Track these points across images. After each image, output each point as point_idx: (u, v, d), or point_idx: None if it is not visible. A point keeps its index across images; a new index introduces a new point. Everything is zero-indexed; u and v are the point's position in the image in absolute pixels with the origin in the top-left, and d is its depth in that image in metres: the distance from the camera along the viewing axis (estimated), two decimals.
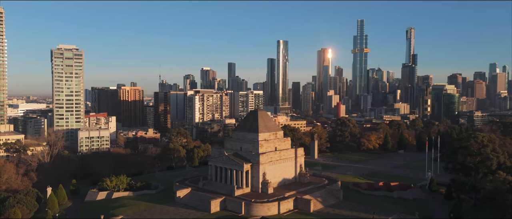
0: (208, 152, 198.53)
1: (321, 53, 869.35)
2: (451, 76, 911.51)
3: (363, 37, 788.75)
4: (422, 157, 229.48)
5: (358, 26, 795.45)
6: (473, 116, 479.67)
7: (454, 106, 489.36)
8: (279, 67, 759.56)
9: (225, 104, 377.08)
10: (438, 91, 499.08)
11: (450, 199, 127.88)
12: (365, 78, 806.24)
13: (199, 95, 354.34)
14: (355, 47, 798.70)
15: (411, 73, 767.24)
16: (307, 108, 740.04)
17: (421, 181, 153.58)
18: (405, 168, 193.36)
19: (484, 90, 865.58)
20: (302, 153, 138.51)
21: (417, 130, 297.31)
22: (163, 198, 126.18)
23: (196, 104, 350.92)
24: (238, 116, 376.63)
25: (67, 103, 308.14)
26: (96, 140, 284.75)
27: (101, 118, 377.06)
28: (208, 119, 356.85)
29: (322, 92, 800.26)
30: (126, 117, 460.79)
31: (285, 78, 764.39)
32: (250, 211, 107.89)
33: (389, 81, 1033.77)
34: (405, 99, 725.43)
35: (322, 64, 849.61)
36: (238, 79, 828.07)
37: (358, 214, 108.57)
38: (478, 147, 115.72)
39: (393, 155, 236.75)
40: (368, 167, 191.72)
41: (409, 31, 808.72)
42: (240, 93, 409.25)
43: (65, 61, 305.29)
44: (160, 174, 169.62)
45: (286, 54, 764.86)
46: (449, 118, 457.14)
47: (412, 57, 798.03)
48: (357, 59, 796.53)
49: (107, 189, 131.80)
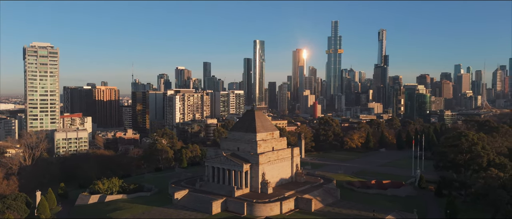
0: (196, 153, 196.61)
1: (296, 54, 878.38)
2: (420, 76, 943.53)
3: (337, 38, 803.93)
4: (403, 155, 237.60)
5: (332, 27, 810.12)
6: (444, 115, 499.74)
7: (425, 106, 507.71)
8: (255, 67, 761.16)
9: (206, 104, 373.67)
10: (411, 91, 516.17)
11: (440, 196, 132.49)
12: (339, 79, 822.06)
13: (180, 95, 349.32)
14: (329, 48, 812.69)
15: (383, 73, 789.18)
16: (283, 108, 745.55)
17: (408, 179, 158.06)
18: (390, 166, 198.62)
19: (451, 90, 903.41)
20: (298, 152, 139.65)
21: (395, 128, 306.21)
22: (160, 200, 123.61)
23: (176, 104, 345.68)
24: (219, 116, 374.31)
25: (41, 104, 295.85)
26: (73, 141, 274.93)
27: (76, 119, 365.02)
28: (189, 119, 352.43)
29: (297, 92, 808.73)
30: (102, 117, 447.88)
31: (262, 78, 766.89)
32: (252, 212, 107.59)
33: (361, 81, 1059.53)
34: (378, 99, 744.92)
35: (297, 64, 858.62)
36: (214, 78, 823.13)
37: (358, 212, 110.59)
38: (468, 144, 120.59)
39: (375, 153, 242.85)
40: (355, 165, 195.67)
41: (381, 33, 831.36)
42: (221, 93, 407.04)
43: (39, 60, 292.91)
44: (149, 176, 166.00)
45: (262, 54, 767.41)
46: (421, 117, 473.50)
47: (383, 58, 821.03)
48: (332, 60, 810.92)
49: (99, 192, 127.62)
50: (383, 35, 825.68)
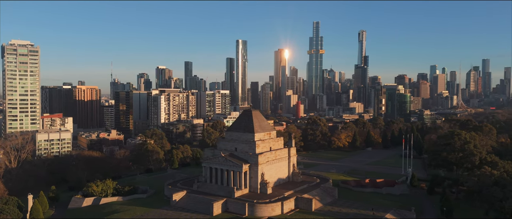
0: (187, 153, 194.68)
1: (278, 54, 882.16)
2: (398, 77, 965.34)
3: (319, 38, 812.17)
4: (389, 154, 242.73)
5: (314, 27, 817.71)
6: (423, 115, 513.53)
7: (406, 106, 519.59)
8: (238, 67, 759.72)
9: (192, 104, 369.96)
10: (391, 91, 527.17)
11: (432, 194, 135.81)
12: (321, 79, 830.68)
13: (165, 95, 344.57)
14: (311, 48, 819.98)
15: (363, 74, 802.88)
16: (266, 108, 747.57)
17: (399, 177, 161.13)
18: (379, 165, 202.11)
19: (428, 90, 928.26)
20: (295, 152, 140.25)
21: (380, 128, 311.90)
22: (157, 202, 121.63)
23: (161, 104, 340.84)
24: (205, 116, 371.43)
25: (21, 104, 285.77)
26: (56, 142, 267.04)
27: (56, 119, 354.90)
28: (174, 119, 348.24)
29: (280, 92, 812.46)
30: (82, 118, 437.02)
31: (245, 78, 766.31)
32: (254, 212, 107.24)
33: (341, 81, 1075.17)
34: (358, 99, 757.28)
35: (280, 64, 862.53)
36: (196, 78, 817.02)
37: (357, 211, 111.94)
38: (461, 143, 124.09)
39: (362, 153, 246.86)
40: (345, 165, 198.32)
41: (361, 34, 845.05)
42: (207, 93, 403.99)
43: (19, 58, 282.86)
44: (141, 177, 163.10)
45: (245, 54, 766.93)
46: (402, 116, 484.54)
47: (363, 59, 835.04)
48: (313, 60, 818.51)
49: (93, 194, 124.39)
50: (363, 36, 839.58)
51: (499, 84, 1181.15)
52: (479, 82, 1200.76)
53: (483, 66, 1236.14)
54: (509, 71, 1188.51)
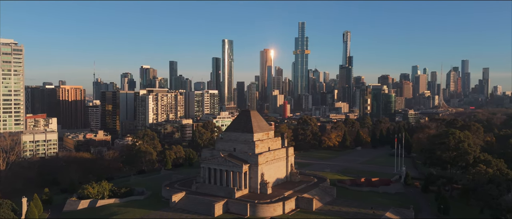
0: (180, 154, 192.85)
1: (263, 54, 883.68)
2: (381, 77, 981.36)
3: (304, 39, 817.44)
4: (379, 153, 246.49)
5: (299, 28, 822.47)
6: (408, 114, 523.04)
7: (391, 105, 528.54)
8: (224, 67, 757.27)
9: (180, 104, 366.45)
10: (377, 91, 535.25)
11: (426, 192, 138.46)
12: (306, 79, 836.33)
13: (153, 95, 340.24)
14: (296, 49, 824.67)
15: (348, 74, 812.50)
16: (252, 108, 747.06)
17: (392, 176, 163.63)
18: (370, 164, 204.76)
19: (410, 90, 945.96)
20: (292, 152, 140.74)
21: (368, 127, 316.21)
22: (155, 204, 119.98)
23: (149, 105, 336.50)
24: (193, 116, 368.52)
25: (4, 104, 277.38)
26: (42, 144, 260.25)
27: (40, 120, 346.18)
28: (163, 119, 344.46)
29: (266, 91, 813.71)
30: (66, 118, 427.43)
31: (231, 77, 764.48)
32: (256, 213, 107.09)
33: (326, 81, 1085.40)
34: (343, 98, 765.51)
35: (265, 64, 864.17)
36: (182, 78, 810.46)
37: (357, 210, 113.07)
38: (455, 142, 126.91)
39: (353, 152, 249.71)
40: (337, 164, 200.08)
41: (345, 34, 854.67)
42: (196, 93, 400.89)
43: (2, 57, 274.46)
44: (135, 179, 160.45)
45: (231, 53, 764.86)
46: (387, 115, 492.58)
47: (348, 59, 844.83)
48: (299, 60, 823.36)
49: (89, 196, 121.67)
50: (347, 37, 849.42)
51: (477, 84, 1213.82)
52: (459, 83, 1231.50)
53: (462, 67, 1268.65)
54: (487, 71, 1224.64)
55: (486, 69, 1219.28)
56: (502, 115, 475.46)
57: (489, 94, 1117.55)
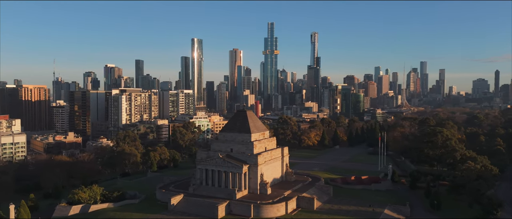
0: (165, 155, 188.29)
1: (233, 53, 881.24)
2: (346, 77, 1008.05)
3: (273, 39, 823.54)
4: (357, 151, 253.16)
5: (269, 28, 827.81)
6: (376, 113, 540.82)
7: (359, 105, 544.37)
8: (194, 66, 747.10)
9: (154, 104, 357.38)
10: (346, 91, 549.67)
11: (414, 189, 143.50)
12: (276, 79, 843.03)
13: (126, 95, 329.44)
14: (266, 49, 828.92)
15: (316, 74, 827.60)
16: (222, 108, 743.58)
17: (379, 174, 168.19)
18: (353, 162, 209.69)
19: (375, 90, 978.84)
20: (287, 152, 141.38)
21: (343, 127, 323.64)
22: (152, 207, 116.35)
23: (122, 105, 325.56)
24: (168, 116, 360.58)
25: None
26: (9, 147, 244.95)
27: (2, 121, 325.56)
28: (136, 120, 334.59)
29: (236, 91, 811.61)
30: (29, 120, 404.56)
31: (200, 77, 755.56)
32: (259, 213, 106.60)
33: (293, 81, 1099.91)
34: (312, 98, 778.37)
35: (235, 64, 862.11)
36: (149, 77, 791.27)
37: (356, 208, 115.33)
38: (443, 140, 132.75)
39: (332, 151, 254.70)
40: (321, 162, 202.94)
41: (313, 35, 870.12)
42: (170, 92, 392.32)
43: None
44: (122, 182, 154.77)
45: (201, 53, 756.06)
46: (356, 115, 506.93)
47: (316, 60, 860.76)
48: (268, 60, 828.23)
49: (80, 201, 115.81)
50: (315, 38, 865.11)
51: (435, 84, 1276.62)
52: (418, 83, 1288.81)
53: (421, 68, 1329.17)
54: (443, 73, 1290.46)
55: (442, 71, 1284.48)
56: (461, 113, 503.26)
57: (445, 94, 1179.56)
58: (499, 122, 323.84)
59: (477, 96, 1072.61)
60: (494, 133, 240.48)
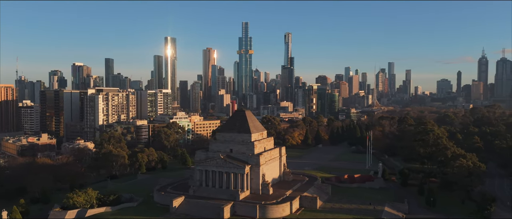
0: (153, 157, 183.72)
1: (206, 53, 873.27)
2: (318, 77, 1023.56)
3: (248, 39, 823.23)
4: (341, 150, 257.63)
5: (243, 28, 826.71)
6: (350, 113, 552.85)
7: (334, 104, 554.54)
8: (167, 65, 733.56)
9: (132, 104, 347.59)
10: (322, 91, 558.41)
11: (405, 186, 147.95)
12: (250, 78, 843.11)
13: (103, 95, 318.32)
14: (240, 48, 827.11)
15: (290, 74, 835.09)
16: (196, 107, 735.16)
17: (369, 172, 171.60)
18: (339, 160, 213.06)
19: (347, 90, 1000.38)
20: (284, 152, 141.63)
21: (324, 126, 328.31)
22: (152, 210, 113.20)
23: (99, 105, 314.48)
24: (147, 116, 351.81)
25: None
26: None
27: None
28: (114, 120, 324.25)
29: (210, 91, 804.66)
30: None
31: (174, 76, 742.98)
32: (265, 214, 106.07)
33: (267, 81, 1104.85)
34: (286, 98, 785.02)
35: (209, 63, 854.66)
36: (120, 76, 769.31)
37: (357, 206, 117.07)
38: (435, 138, 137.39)
39: (316, 150, 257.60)
40: (309, 162, 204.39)
41: (287, 36, 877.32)
42: (148, 92, 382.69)
43: None
44: (113, 184, 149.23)
45: (174, 51, 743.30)
46: (332, 114, 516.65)
47: (289, 60, 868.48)
48: (243, 60, 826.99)
49: (76, 206, 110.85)
50: (289, 38, 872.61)
51: (402, 84, 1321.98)
52: (386, 83, 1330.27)
53: (389, 68, 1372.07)
54: (409, 73, 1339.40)
55: (409, 71, 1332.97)
56: (429, 113, 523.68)
57: (411, 94, 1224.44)
58: (469, 121, 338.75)
59: (441, 96, 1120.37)
60: (468, 131, 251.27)
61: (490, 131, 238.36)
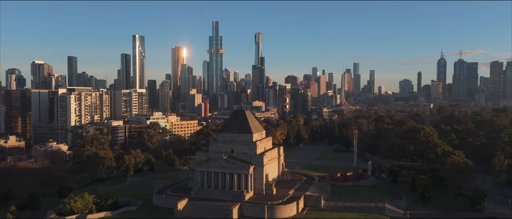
0: (140, 159, 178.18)
1: (175, 51, 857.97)
2: (288, 77, 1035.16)
3: (218, 38, 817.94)
4: (323, 149, 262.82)
5: (214, 27, 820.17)
6: (322, 112, 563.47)
7: (307, 104, 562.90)
8: (135, 64, 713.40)
9: (106, 104, 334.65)
10: (295, 91, 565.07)
11: (396, 183, 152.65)
12: (221, 78, 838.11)
13: (75, 94, 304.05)
14: (211, 48, 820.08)
15: (261, 74, 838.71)
16: (165, 107, 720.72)
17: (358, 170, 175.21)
18: (324, 159, 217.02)
19: (316, 90, 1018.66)
20: (282, 152, 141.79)
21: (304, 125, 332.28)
22: (154, 214, 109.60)
23: (71, 105, 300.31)
24: (121, 117, 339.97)
25: None
26: None
27: None
28: (87, 121, 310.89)
29: (179, 90, 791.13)
30: None
31: (142, 75, 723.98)
32: (274, 214, 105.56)
33: (237, 81, 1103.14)
34: (258, 98, 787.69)
35: (178, 62, 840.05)
36: (85, 75, 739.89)
37: (359, 204, 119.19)
38: (425, 137, 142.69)
39: (298, 149, 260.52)
40: (295, 161, 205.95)
41: (257, 36, 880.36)
42: (123, 92, 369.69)
43: None
44: (104, 188, 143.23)
45: (143, 50, 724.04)
46: (305, 113, 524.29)
47: (260, 60, 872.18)
48: (213, 59, 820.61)
49: (73, 212, 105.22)
50: (259, 38, 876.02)
51: (366, 84, 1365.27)
52: (351, 83, 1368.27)
53: (354, 69, 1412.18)
54: (373, 73, 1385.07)
55: (373, 72, 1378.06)
56: (396, 111, 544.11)
57: (375, 93, 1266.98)
58: (437, 119, 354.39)
59: (403, 95, 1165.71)
60: (441, 129, 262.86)
61: (462, 128, 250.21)
